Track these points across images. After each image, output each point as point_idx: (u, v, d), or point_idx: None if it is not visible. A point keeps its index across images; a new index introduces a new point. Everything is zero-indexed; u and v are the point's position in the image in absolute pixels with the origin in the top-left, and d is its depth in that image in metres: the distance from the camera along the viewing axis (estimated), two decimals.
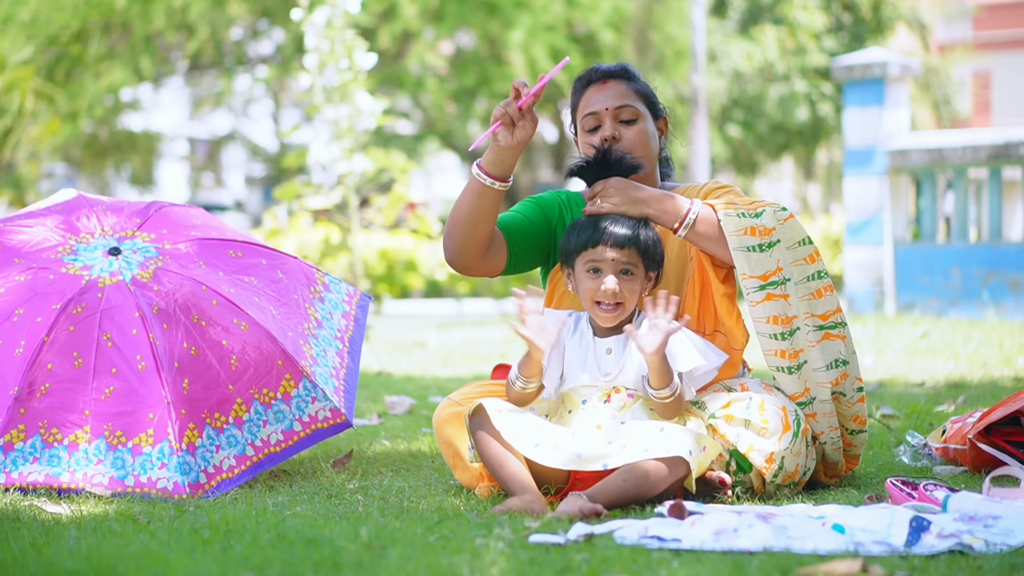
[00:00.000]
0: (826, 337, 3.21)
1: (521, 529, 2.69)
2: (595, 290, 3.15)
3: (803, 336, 3.21)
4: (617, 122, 3.37)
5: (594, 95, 3.40)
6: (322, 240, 9.34)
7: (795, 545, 2.54)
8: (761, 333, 3.21)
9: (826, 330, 3.21)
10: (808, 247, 3.22)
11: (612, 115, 3.37)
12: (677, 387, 3.09)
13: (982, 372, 6.08)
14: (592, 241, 3.16)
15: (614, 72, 3.42)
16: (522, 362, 3.17)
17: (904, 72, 10.14)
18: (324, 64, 8.20)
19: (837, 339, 3.22)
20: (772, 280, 3.19)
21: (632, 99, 3.39)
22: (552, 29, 19.60)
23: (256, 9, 20.00)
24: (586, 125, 3.40)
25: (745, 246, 3.17)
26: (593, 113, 3.38)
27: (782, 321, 3.19)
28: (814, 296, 3.21)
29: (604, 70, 3.42)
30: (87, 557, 2.50)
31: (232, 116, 27.30)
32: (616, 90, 3.39)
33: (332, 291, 3.81)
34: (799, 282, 3.20)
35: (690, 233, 3.21)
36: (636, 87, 3.42)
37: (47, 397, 3.34)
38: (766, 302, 3.18)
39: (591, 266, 3.16)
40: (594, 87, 3.42)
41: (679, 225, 3.21)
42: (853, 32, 19.39)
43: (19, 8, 17.57)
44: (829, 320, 3.22)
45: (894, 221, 10.11)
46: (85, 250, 3.59)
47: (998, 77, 30.38)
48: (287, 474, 3.66)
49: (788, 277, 3.20)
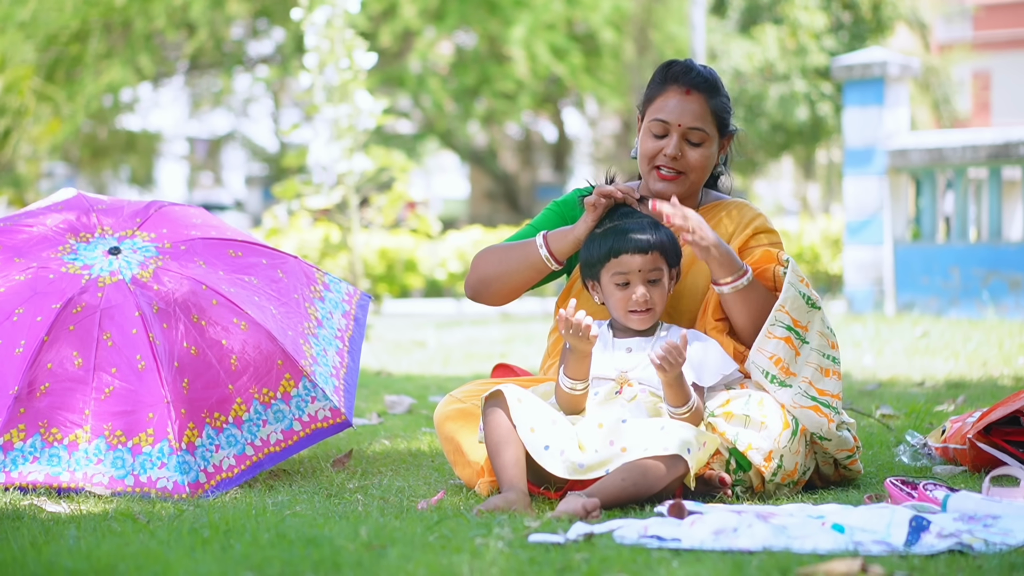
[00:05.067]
0: (814, 409, 3.19)
1: (521, 528, 2.69)
2: (626, 299, 3.19)
3: (790, 394, 3.19)
4: (684, 141, 3.34)
5: (672, 100, 3.35)
6: (322, 239, 9.34)
7: (795, 545, 2.54)
8: (756, 364, 3.19)
9: (817, 403, 3.19)
10: (833, 337, 3.25)
11: (681, 133, 3.34)
12: (694, 404, 3.11)
13: (982, 372, 6.08)
14: (615, 251, 3.18)
15: (700, 84, 3.35)
16: (568, 364, 3.16)
17: (904, 72, 10.14)
18: (324, 63, 8.20)
19: (823, 416, 3.20)
20: (798, 331, 3.19)
21: (706, 121, 3.35)
22: (552, 28, 19.61)
23: (256, 8, 20.01)
24: (653, 128, 3.36)
25: (799, 290, 3.19)
26: (664, 121, 3.35)
27: (783, 368, 3.18)
28: (821, 371, 3.21)
29: (693, 78, 3.34)
30: (87, 556, 2.50)
31: (232, 116, 27.29)
32: (695, 107, 3.34)
33: (332, 290, 3.81)
34: (815, 349, 3.21)
35: (733, 293, 3.22)
36: (715, 105, 3.36)
37: (47, 396, 3.34)
38: (781, 341, 3.17)
39: (619, 279, 3.19)
40: (676, 90, 3.35)
41: (729, 282, 3.21)
42: (853, 32, 19.39)
43: (19, 8, 17.57)
44: (823, 398, 3.20)
45: (894, 221, 10.11)
46: (85, 249, 3.59)
47: (998, 77, 30.38)
48: (287, 473, 3.66)
49: (809, 340, 3.20)
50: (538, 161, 28.79)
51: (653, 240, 3.18)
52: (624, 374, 3.19)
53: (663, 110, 3.35)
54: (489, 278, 3.40)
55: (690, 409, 3.10)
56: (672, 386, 3.07)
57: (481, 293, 3.44)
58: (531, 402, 3.13)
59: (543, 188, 29.81)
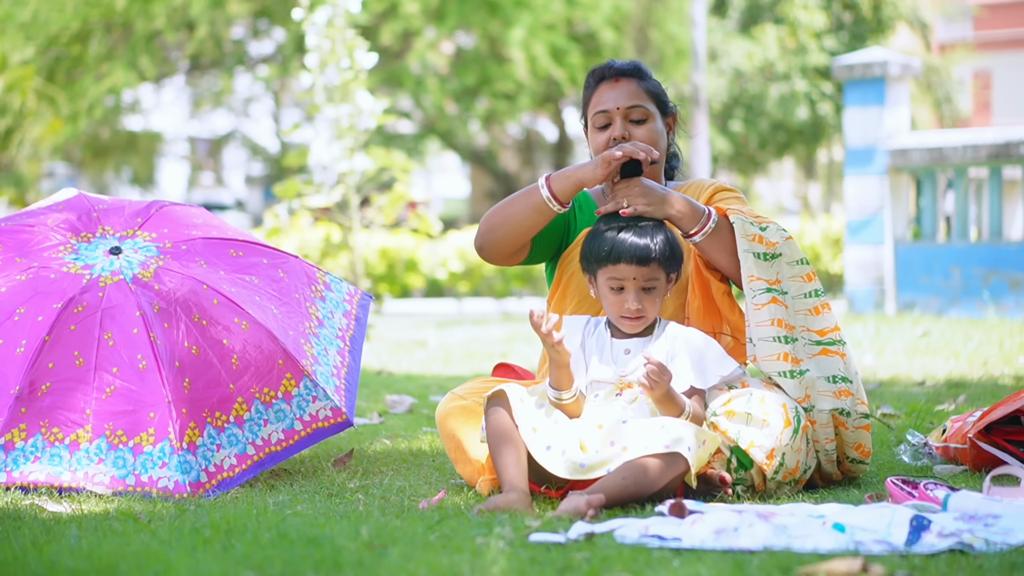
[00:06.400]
0: (823, 352, 3.24)
1: (522, 528, 2.69)
2: (619, 305, 3.20)
3: (801, 347, 3.24)
4: (627, 122, 3.41)
5: (606, 92, 3.44)
6: (323, 239, 9.34)
7: (795, 544, 2.54)
8: (763, 338, 3.22)
9: (823, 346, 3.25)
10: (805, 267, 3.28)
11: (623, 115, 3.41)
12: (688, 412, 3.12)
13: (982, 371, 6.08)
14: (612, 258, 3.18)
15: (626, 70, 3.45)
16: (551, 377, 3.18)
17: (904, 71, 10.13)
18: (325, 63, 8.20)
19: (836, 355, 3.24)
20: (774, 288, 3.24)
21: (643, 99, 3.43)
22: (552, 28, 19.60)
23: (256, 8, 20.01)
24: (596, 122, 3.44)
25: (753, 251, 3.23)
26: (604, 111, 3.42)
27: (786, 325, 3.23)
28: (811, 312, 3.26)
29: (617, 67, 3.45)
30: (88, 556, 2.51)
31: (232, 115, 27.29)
32: (627, 89, 3.43)
33: (333, 290, 3.82)
34: (796, 297, 3.26)
35: (704, 240, 3.24)
36: (647, 86, 3.46)
37: (48, 396, 3.35)
38: (771, 304, 3.22)
39: (613, 284, 3.20)
40: (606, 84, 3.45)
41: (697, 231, 3.24)
42: (853, 31, 19.40)
43: (19, 8, 17.57)
44: (827, 337, 3.25)
45: (894, 220, 10.10)
46: (86, 249, 3.59)
47: (998, 77, 30.38)
48: (288, 473, 3.66)
49: (786, 290, 3.25)
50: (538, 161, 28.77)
51: (653, 251, 3.18)
52: (623, 378, 3.19)
53: (600, 103, 3.44)
54: (495, 224, 3.40)
55: (685, 418, 3.11)
56: (662, 402, 3.09)
57: (488, 242, 3.42)
58: (533, 402, 3.14)
59: None
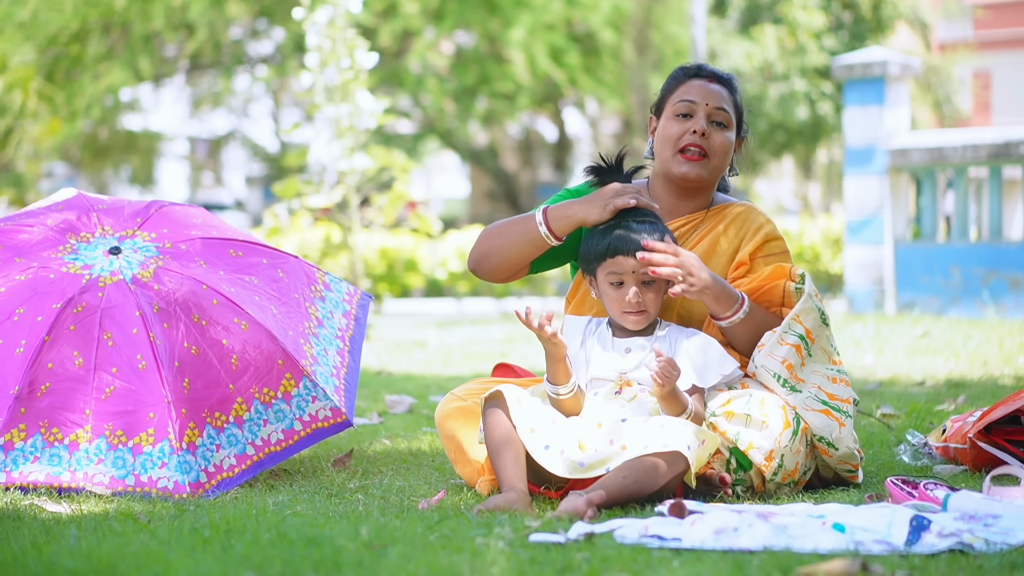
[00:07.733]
0: (824, 412, 3.21)
1: (521, 528, 2.69)
2: (620, 300, 3.19)
3: (802, 398, 3.21)
4: (710, 122, 3.37)
5: (697, 86, 3.39)
6: (322, 239, 9.33)
7: (795, 544, 2.54)
8: (766, 367, 3.21)
9: (828, 407, 3.22)
10: (837, 355, 3.29)
11: (709, 112, 3.37)
12: (691, 412, 3.12)
13: (982, 371, 6.08)
14: (611, 250, 3.18)
15: (722, 77, 3.42)
16: (548, 372, 3.19)
17: (904, 71, 10.13)
18: (325, 63, 8.20)
19: (834, 420, 3.21)
20: (808, 341, 3.22)
21: (730, 107, 3.40)
22: (552, 28, 19.61)
23: (255, 9, 20.01)
24: (679, 109, 3.38)
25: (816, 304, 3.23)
26: (692, 101, 3.37)
27: (794, 373, 3.20)
28: (832, 380, 3.24)
29: (712, 70, 3.42)
30: (87, 556, 2.50)
31: (232, 115, 27.29)
32: (720, 92, 3.39)
33: (333, 290, 3.82)
34: (821, 363, 3.25)
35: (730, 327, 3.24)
36: (736, 99, 3.43)
37: (47, 396, 3.34)
38: (792, 348, 3.20)
39: (612, 279, 3.19)
40: (700, 80, 3.40)
41: (726, 317, 3.23)
42: (853, 31, 19.39)
43: (18, 8, 17.57)
44: (834, 402, 3.23)
45: (894, 220, 10.10)
46: (86, 249, 3.59)
47: (999, 76, 30.38)
48: (287, 473, 3.66)
49: (813, 355, 3.23)
50: (538, 161, 28.77)
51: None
52: (623, 375, 3.19)
53: (689, 93, 3.38)
54: (489, 251, 3.40)
55: (688, 416, 3.11)
56: (667, 399, 3.09)
57: (482, 266, 3.43)
58: (531, 402, 3.14)
59: (543, 188, 29.80)
